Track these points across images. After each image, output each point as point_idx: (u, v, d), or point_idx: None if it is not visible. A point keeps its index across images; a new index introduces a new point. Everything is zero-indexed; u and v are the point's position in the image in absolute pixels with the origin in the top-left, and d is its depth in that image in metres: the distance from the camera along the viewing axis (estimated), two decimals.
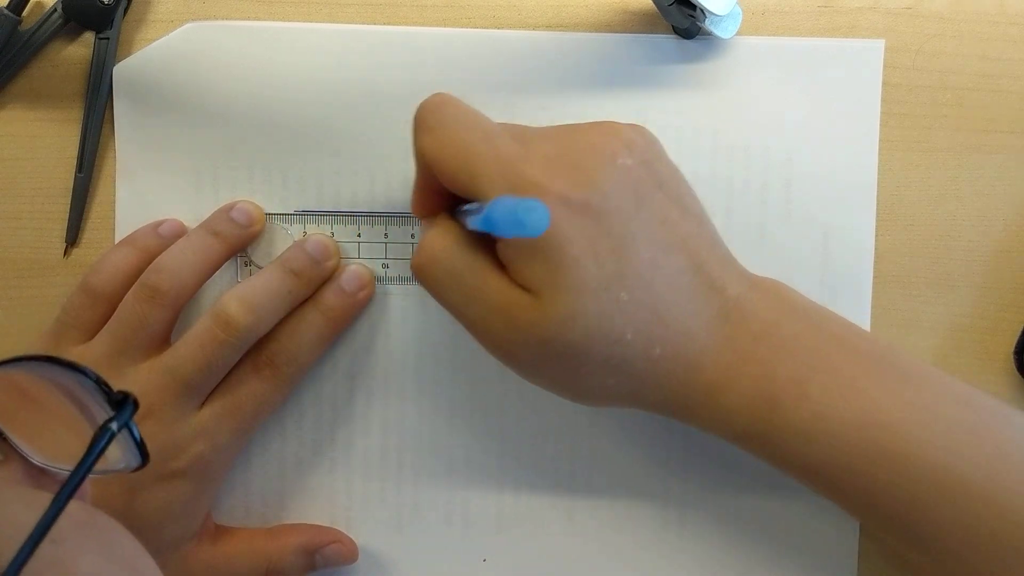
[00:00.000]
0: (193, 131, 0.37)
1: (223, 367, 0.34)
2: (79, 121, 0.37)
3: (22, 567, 0.18)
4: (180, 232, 0.36)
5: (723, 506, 0.38)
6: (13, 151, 0.37)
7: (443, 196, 0.31)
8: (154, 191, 0.37)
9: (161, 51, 0.37)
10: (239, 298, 0.34)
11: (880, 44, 0.37)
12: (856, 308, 0.37)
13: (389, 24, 0.37)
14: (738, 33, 0.36)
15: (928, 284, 0.38)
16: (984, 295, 0.38)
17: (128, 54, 0.37)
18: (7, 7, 0.36)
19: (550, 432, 0.38)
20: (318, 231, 0.37)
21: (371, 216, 0.37)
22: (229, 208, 0.36)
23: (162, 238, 0.36)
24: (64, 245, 0.37)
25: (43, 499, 0.21)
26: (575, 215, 0.28)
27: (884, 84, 0.37)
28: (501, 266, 0.30)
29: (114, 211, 0.37)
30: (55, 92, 0.37)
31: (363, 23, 0.37)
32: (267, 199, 0.37)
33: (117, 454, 0.24)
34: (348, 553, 0.37)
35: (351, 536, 0.37)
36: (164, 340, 0.35)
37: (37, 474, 0.25)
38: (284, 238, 0.37)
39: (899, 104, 0.37)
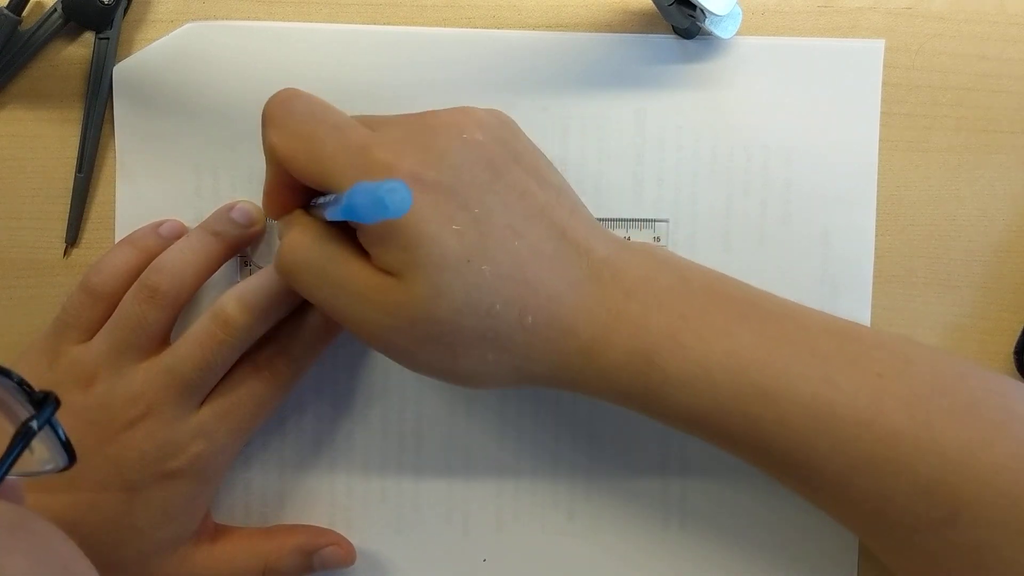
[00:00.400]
0: (193, 131, 0.37)
1: (222, 367, 0.34)
2: (79, 121, 0.37)
3: None
4: (181, 232, 0.36)
5: (723, 506, 0.38)
6: (13, 151, 0.37)
7: (296, 192, 0.32)
8: (154, 191, 0.37)
9: (161, 51, 0.37)
10: (238, 298, 0.34)
11: (880, 44, 0.37)
12: (856, 308, 0.37)
13: (389, 24, 0.37)
14: (738, 33, 0.36)
15: (928, 284, 0.38)
16: (984, 295, 0.38)
17: (128, 54, 0.37)
18: (7, 7, 0.36)
19: (550, 432, 0.38)
20: None
21: None
22: (229, 208, 0.36)
23: (163, 238, 0.36)
24: (64, 245, 0.37)
25: None
26: (428, 192, 0.28)
27: (884, 84, 0.37)
28: (363, 254, 0.30)
29: (114, 211, 0.37)
30: (55, 92, 0.37)
31: (363, 23, 0.37)
32: None
33: (45, 455, 0.24)
34: (345, 556, 0.37)
35: (351, 536, 0.37)
36: (163, 340, 0.35)
37: None
38: None
39: (899, 104, 0.37)
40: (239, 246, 0.36)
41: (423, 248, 0.28)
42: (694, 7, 0.34)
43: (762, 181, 0.37)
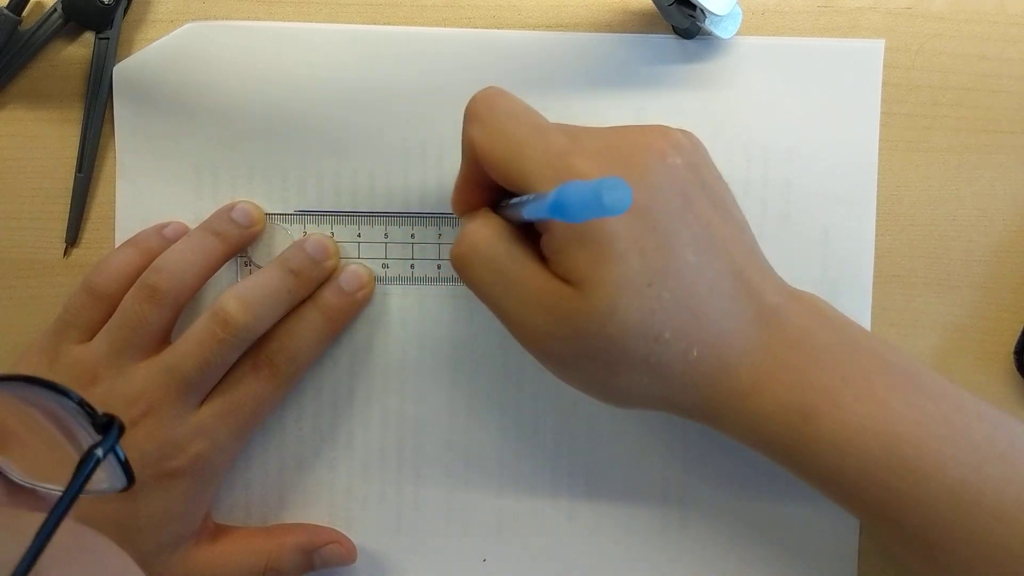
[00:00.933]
0: (193, 131, 0.37)
1: (222, 366, 0.34)
2: (79, 121, 0.37)
3: None
4: (184, 234, 0.36)
5: (723, 506, 0.38)
6: (13, 151, 0.37)
7: (486, 190, 0.31)
8: (154, 191, 0.37)
9: (161, 51, 0.37)
10: (238, 297, 0.34)
11: (880, 44, 0.37)
12: (856, 308, 0.37)
13: (389, 24, 0.37)
14: (738, 33, 0.36)
15: (928, 284, 0.38)
16: (984, 295, 0.38)
17: (128, 54, 0.37)
18: (7, 7, 0.36)
19: (550, 432, 0.38)
20: (318, 231, 0.37)
21: (371, 216, 0.37)
22: (230, 208, 0.36)
23: (166, 240, 0.36)
24: (64, 245, 0.37)
25: (24, 522, 0.20)
26: None
27: (884, 84, 0.37)
28: (542, 259, 0.30)
29: (114, 211, 0.37)
30: (55, 92, 0.37)
31: (363, 23, 0.37)
32: (267, 199, 0.37)
33: (102, 475, 0.24)
34: (346, 554, 0.37)
35: (351, 535, 0.37)
36: (164, 340, 0.35)
37: (15, 490, 0.25)
38: (284, 238, 0.37)
39: (899, 104, 0.37)
40: (240, 246, 0.36)
41: (609, 263, 0.28)
42: (694, 7, 0.34)
43: (762, 181, 0.37)
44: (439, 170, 0.37)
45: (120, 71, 0.37)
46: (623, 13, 0.37)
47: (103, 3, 0.36)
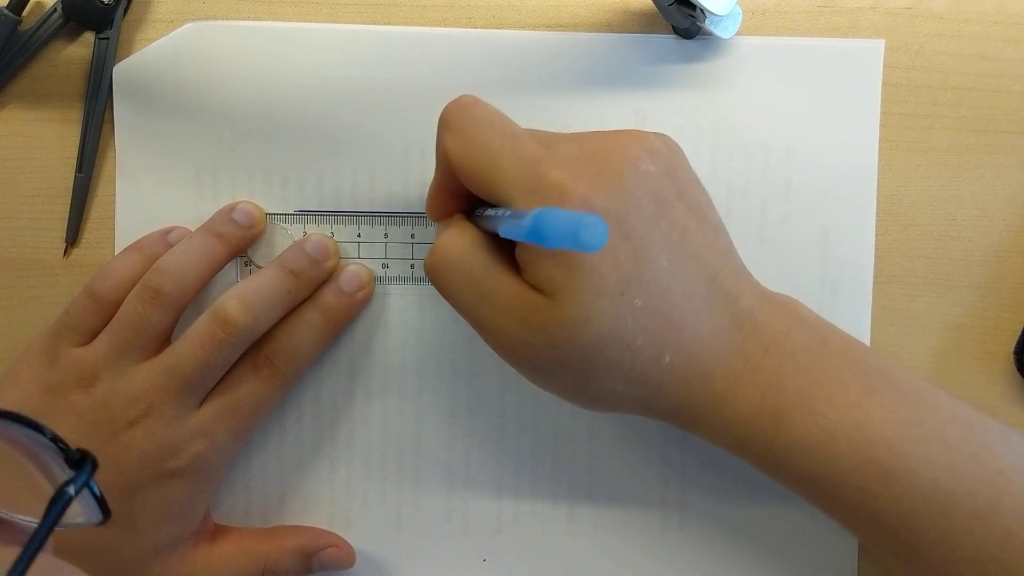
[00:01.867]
0: (193, 131, 0.37)
1: (222, 366, 0.34)
2: (79, 121, 0.37)
3: None
4: None
5: (723, 507, 0.38)
6: (13, 151, 0.37)
7: (460, 198, 0.31)
8: (154, 191, 0.37)
9: (161, 51, 0.37)
10: (238, 297, 0.34)
11: (880, 44, 0.37)
12: (856, 308, 0.37)
13: (389, 24, 0.37)
14: (738, 33, 0.36)
15: (928, 284, 0.38)
16: (984, 295, 0.38)
17: (128, 54, 0.37)
18: (7, 7, 0.36)
19: (550, 432, 0.38)
20: (318, 231, 0.37)
21: (371, 216, 0.37)
22: (231, 209, 0.36)
23: (171, 246, 0.36)
24: (64, 245, 0.37)
25: None
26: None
27: (884, 84, 0.37)
28: (515, 268, 0.30)
29: (114, 211, 0.37)
30: (55, 92, 0.37)
31: (363, 23, 0.37)
32: (267, 199, 0.37)
33: (78, 508, 0.23)
34: (345, 558, 0.37)
35: (351, 536, 0.37)
36: (164, 341, 0.35)
37: None
38: (284, 238, 0.37)
39: (899, 104, 0.37)
40: (241, 247, 0.36)
41: (582, 274, 0.28)
42: (694, 7, 0.34)
43: (762, 181, 0.37)
44: None
45: (120, 71, 0.37)
46: (623, 13, 0.37)
47: (103, 3, 0.36)
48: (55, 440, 0.22)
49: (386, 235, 0.37)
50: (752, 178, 0.37)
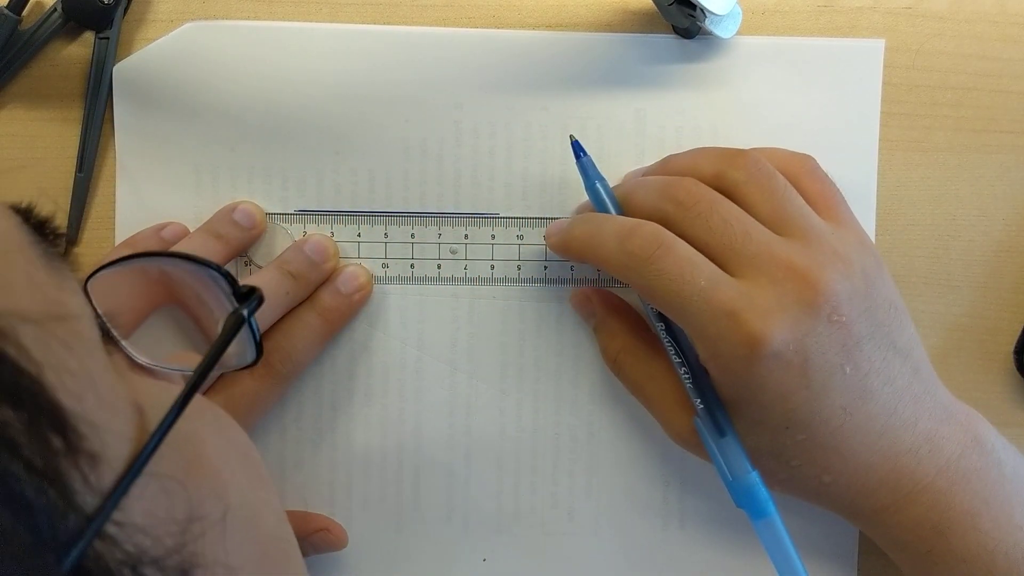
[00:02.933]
0: (193, 131, 0.37)
1: None
2: (79, 121, 0.37)
3: (165, 435, 0.19)
4: (183, 235, 0.36)
5: (723, 506, 0.38)
6: (13, 151, 0.37)
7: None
8: (154, 191, 0.37)
9: (161, 51, 0.37)
10: None
11: (880, 44, 0.37)
12: None
13: (389, 24, 0.37)
14: (738, 33, 0.36)
15: (928, 284, 0.38)
16: (984, 295, 0.38)
17: (128, 54, 0.37)
18: (7, 7, 0.36)
19: (550, 432, 0.38)
20: (318, 231, 0.37)
21: (371, 216, 0.37)
22: (231, 210, 0.36)
23: (164, 242, 0.36)
24: (64, 245, 0.37)
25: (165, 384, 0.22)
26: (777, 368, 0.29)
27: (884, 84, 0.37)
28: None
29: (114, 211, 0.37)
30: (55, 92, 0.37)
31: (363, 23, 0.37)
32: (267, 199, 0.37)
33: (232, 349, 0.25)
34: (336, 540, 0.37)
35: (351, 535, 0.37)
36: None
37: (140, 370, 0.26)
38: (284, 238, 0.37)
39: (899, 104, 0.37)
40: (241, 248, 0.36)
41: (752, 410, 0.30)
42: (694, 7, 0.34)
43: None
44: (439, 170, 0.37)
45: (120, 71, 0.37)
46: (623, 13, 0.37)
47: (103, 3, 0.36)
48: (227, 277, 0.25)
49: (386, 235, 0.37)
50: None
